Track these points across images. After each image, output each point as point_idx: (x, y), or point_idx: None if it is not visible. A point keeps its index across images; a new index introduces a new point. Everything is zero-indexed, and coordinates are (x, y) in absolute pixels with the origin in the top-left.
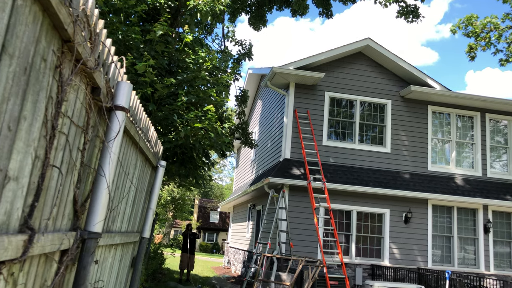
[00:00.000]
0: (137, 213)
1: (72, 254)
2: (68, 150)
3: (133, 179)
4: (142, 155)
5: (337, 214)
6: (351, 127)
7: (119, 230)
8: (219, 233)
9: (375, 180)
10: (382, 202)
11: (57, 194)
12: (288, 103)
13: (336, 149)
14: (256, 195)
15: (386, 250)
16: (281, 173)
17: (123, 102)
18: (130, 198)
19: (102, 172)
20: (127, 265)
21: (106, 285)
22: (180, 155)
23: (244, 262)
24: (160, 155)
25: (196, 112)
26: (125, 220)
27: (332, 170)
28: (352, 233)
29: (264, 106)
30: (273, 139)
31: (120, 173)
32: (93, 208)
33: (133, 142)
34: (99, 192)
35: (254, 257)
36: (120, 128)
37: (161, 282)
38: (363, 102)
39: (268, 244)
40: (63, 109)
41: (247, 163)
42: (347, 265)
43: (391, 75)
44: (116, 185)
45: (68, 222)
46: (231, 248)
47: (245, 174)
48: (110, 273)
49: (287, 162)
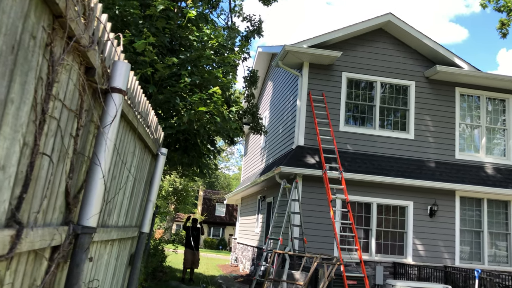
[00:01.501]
0: (135, 205)
1: (64, 251)
2: (60, 136)
3: (131, 168)
4: (141, 142)
5: (356, 207)
6: (371, 111)
7: (115, 224)
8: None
9: (397, 169)
10: (405, 194)
11: (48, 185)
12: (302, 85)
13: (354, 135)
14: (267, 185)
15: (409, 247)
16: (293, 162)
17: (120, 83)
18: (128, 189)
19: (97, 161)
20: (125, 262)
21: (102, 285)
22: (183, 142)
23: (253, 259)
24: (161, 142)
25: (201, 94)
26: (123, 214)
27: (350, 159)
28: (372, 227)
29: (275, 88)
30: (285, 124)
31: (116, 161)
32: (87, 200)
33: (131, 127)
34: (93, 182)
35: (264, 254)
36: (117, 112)
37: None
38: (384, 84)
39: (279, 239)
40: (54, 91)
41: (257, 150)
42: (367, 263)
43: (415, 54)
44: (113, 175)
45: (60, 216)
46: (238, 244)
47: (254, 163)
48: (106, 271)
49: (301, 149)
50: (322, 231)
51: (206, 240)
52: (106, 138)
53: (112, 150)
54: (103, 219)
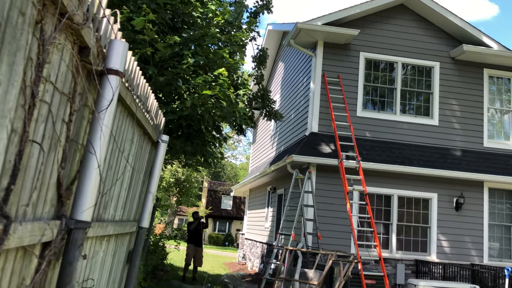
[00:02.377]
0: (134, 198)
1: (55, 247)
2: (51, 122)
3: (129, 157)
4: (140, 128)
5: (375, 199)
6: (391, 94)
7: (112, 218)
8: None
9: (420, 158)
10: (429, 185)
11: (38, 175)
12: (316, 66)
13: (373, 121)
14: (277, 176)
15: (433, 243)
16: (307, 150)
17: (117, 64)
18: (126, 180)
19: (91, 149)
20: (122, 260)
21: (97, 285)
22: (185, 128)
23: (263, 257)
24: (161, 128)
25: (205, 76)
26: (120, 207)
27: (368, 147)
28: (392, 222)
29: (287, 70)
30: (298, 109)
31: (113, 150)
32: (81, 192)
33: (129, 112)
34: (88, 172)
35: (275, 251)
36: (114, 96)
37: (162, 281)
38: (406, 65)
39: (291, 235)
40: (45, 73)
41: (266, 138)
42: (387, 261)
43: (440, 32)
44: (109, 165)
45: (51, 209)
46: (246, 240)
47: (263, 151)
48: (101, 270)
49: (314, 136)
50: (338, 226)
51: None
52: (102, 124)
53: (108, 137)
54: (98, 212)
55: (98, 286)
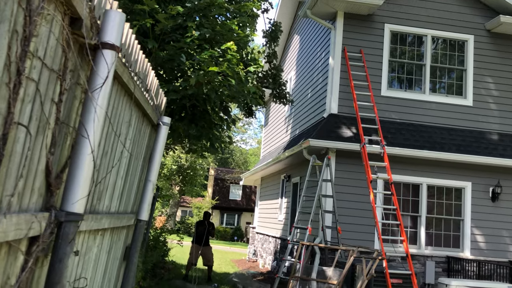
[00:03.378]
0: (131, 187)
1: (44, 243)
2: (39, 102)
3: (126, 141)
4: (139, 110)
5: (401, 189)
6: (420, 71)
7: (107, 210)
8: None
9: (452, 142)
10: (462, 173)
11: (24, 162)
12: (335, 40)
13: (400, 101)
14: (292, 163)
15: (467, 238)
16: (325, 134)
17: (113, 38)
18: (123, 167)
19: (84, 133)
20: (118, 257)
21: (90, 284)
22: (189, 110)
23: (276, 253)
24: (162, 110)
25: (212, 51)
26: (116, 197)
27: (394, 130)
28: (421, 214)
29: (303, 44)
30: (315, 88)
31: (108, 133)
32: (72, 181)
33: (127, 92)
34: (80, 159)
35: (289, 247)
36: (109, 73)
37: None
38: (436, 38)
39: (307, 229)
40: (32, 47)
41: (280, 120)
42: (415, 257)
43: (474, 2)
44: (104, 150)
45: (39, 200)
46: (258, 234)
47: (277, 135)
48: (95, 268)
49: (334, 118)
50: (360, 218)
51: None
52: (96, 104)
53: (103, 120)
54: (92, 203)
55: (92, 286)
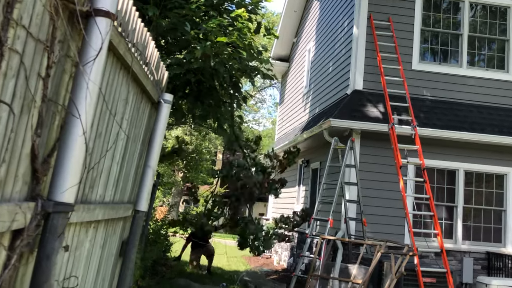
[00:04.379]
0: (128, 173)
1: (29, 237)
2: (24, 77)
3: (122, 121)
4: (137, 86)
5: (435, 176)
6: (456, 42)
7: (101, 199)
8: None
9: (492, 123)
10: (504, 157)
11: (7, 145)
12: (360, 6)
13: (433, 76)
14: (311, 146)
15: (510, 231)
16: (348, 113)
17: (108, 4)
18: (119, 151)
19: (75, 111)
20: (114, 253)
21: (82, 284)
22: (195, 85)
23: (293, 248)
24: (164, 86)
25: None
26: (111, 185)
27: (426, 108)
28: (457, 204)
29: (323, 10)
30: (337, 61)
31: (102, 112)
32: (61, 166)
33: (123, 65)
34: (70, 141)
35: (308, 241)
36: (103, 44)
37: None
38: (475, 4)
39: (329, 221)
40: (15, 14)
41: (297, 97)
42: (450, 253)
43: None
44: (97, 132)
45: (24, 188)
46: None
47: (293, 114)
48: (87, 265)
49: (358, 95)
50: (388, 209)
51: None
52: (88, 79)
53: (96, 97)
54: (83, 192)
55: (83, 286)
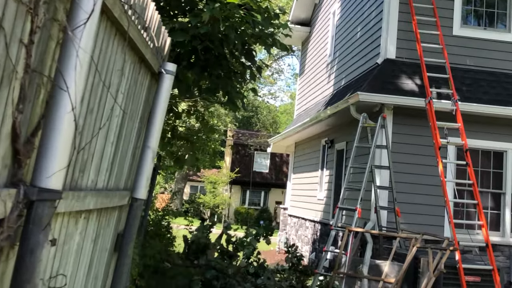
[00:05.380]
0: (125, 156)
1: (9, 229)
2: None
3: (118, 95)
4: (135, 54)
5: (479, 158)
6: (504, 4)
7: (93, 186)
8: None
9: None
10: None
11: None
12: None
13: (477, 43)
14: (336, 123)
15: None
16: (379, 85)
17: None
18: (114, 130)
19: (63, 84)
20: (108, 247)
21: (71, 283)
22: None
23: (315, 242)
24: (166, 54)
25: None
26: (104, 169)
27: (470, 80)
28: (505, 191)
29: None
30: (366, 25)
31: (95, 85)
32: (47, 147)
33: (118, 30)
34: (57, 118)
35: (332, 234)
36: (95, 6)
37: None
38: None
39: (356, 210)
40: None
41: (320, 67)
42: (497, 248)
43: None
44: (88, 107)
45: (3, 172)
46: (291, 217)
47: (316, 87)
48: (77, 261)
49: (390, 65)
50: (425, 196)
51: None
52: (78, 47)
53: (87, 67)
54: (72, 177)
55: (73, 285)
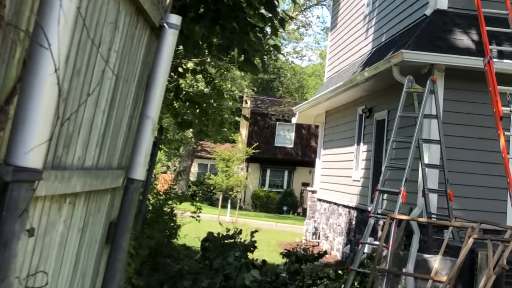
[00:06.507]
0: (118, 127)
1: None
2: None
3: (110, 54)
4: (130, 4)
5: None
6: None
7: (80, 164)
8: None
9: None
10: None
11: None
12: None
13: None
14: (375, 88)
15: None
16: (428, 42)
17: None
18: (105, 96)
19: (44, 40)
20: (98, 239)
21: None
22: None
23: (349, 232)
24: (168, 4)
25: None
26: (94, 143)
27: None
28: None
29: None
30: None
31: (82, 42)
32: (24, 117)
33: None
34: (37, 82)
35: (371, 222)
36: None
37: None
38: None
39: (400, 194)
40: None
41: (356, 19)
42: None
43: None
44: (74, 68)
45: None
46: (320, 202)
47: (351, 44)
48: (61, 255)
49: (441, 17)
50: (484, 176)
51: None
52: None
53: (73, 20)
54: (55, 154)
55: (56, 285)
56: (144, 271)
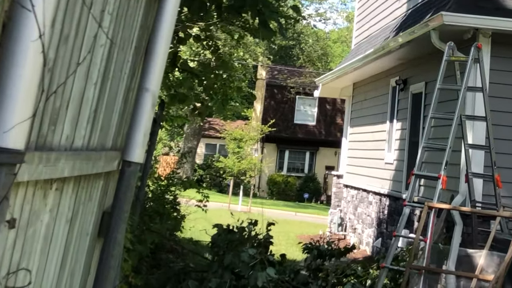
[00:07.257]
0: (113, 102)
1: None
2: None
3: (103, 17)
4: None
5: None
6: None
7: (68, 145)
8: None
9: None
10: None
11: None
12: None
13: None
14: (411, 56)
15: None
16: (471, 3)
17: None
18: (97, 66)
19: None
20: (89, 231)
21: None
22: None
23: (381, 223)
24: None
25: None
26: (84, 121)
27: None
28: None
29: None
30: None
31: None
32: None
33: None
34: (18, 49)
35: (406, 212)
36: None
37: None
38: None
39: (440, 179)
40: None
41: None
42: None
43: None
44: (62, 34)
45: None
46: (347, 189)
47: (382, 5)
48: (46, 250)
49: None
50: None
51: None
52: None
53: None
54: (40, 132)
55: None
56: (142, 268)
